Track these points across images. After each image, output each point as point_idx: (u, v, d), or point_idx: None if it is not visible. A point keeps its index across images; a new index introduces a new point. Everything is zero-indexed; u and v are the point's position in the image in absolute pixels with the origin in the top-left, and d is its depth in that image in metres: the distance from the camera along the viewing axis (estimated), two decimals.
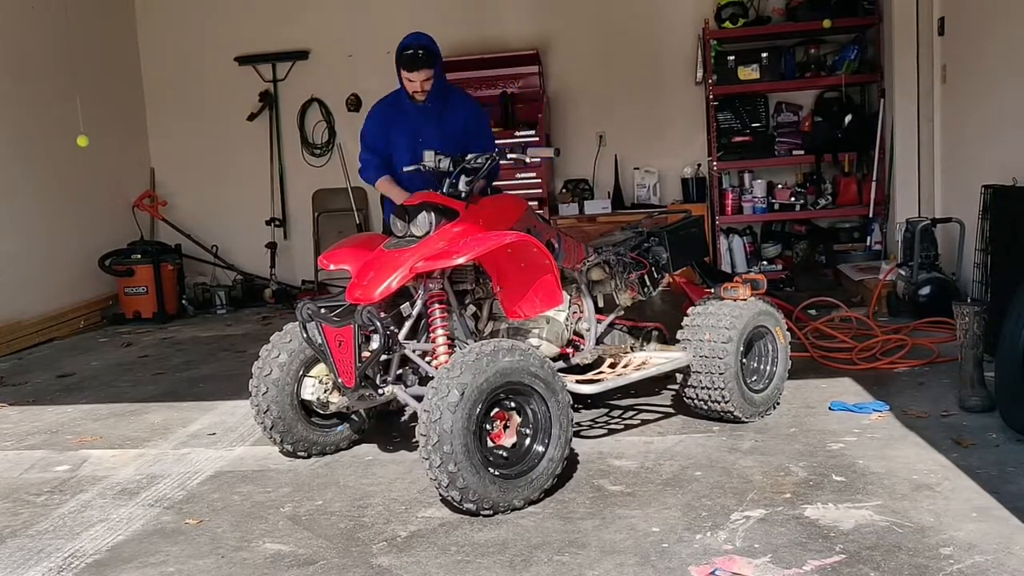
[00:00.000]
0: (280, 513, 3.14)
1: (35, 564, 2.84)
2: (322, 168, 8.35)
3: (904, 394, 4.12)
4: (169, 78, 8.50)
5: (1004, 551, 2.51)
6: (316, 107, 8.38)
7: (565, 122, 7.99)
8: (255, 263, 8.36)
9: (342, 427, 3.73)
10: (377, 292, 3.26)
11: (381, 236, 3.68)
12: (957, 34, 5.95)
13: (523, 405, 3.07)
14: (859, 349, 4.88)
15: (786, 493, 3.03)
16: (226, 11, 8.37)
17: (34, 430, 4.40)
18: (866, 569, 2.47)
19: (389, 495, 3.24)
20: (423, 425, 2.87)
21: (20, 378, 5.67)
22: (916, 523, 2.73)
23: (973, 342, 3.86)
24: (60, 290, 7.18)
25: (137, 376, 5.53)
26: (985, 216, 4.86)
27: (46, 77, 7.17)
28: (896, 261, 6.23)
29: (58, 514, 3.26)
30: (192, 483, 3.51)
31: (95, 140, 7.06)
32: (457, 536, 2.85)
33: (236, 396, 4.59)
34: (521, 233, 3.30)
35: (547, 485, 3.08)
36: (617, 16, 7.88)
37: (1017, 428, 3.44)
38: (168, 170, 8.59)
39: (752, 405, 3.79)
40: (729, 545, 2.66)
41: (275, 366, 3.52)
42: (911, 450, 3.38)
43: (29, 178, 6.95)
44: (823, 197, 7.46)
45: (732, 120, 7.53)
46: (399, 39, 4.29)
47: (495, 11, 8.03)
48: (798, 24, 7.24)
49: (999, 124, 5.22)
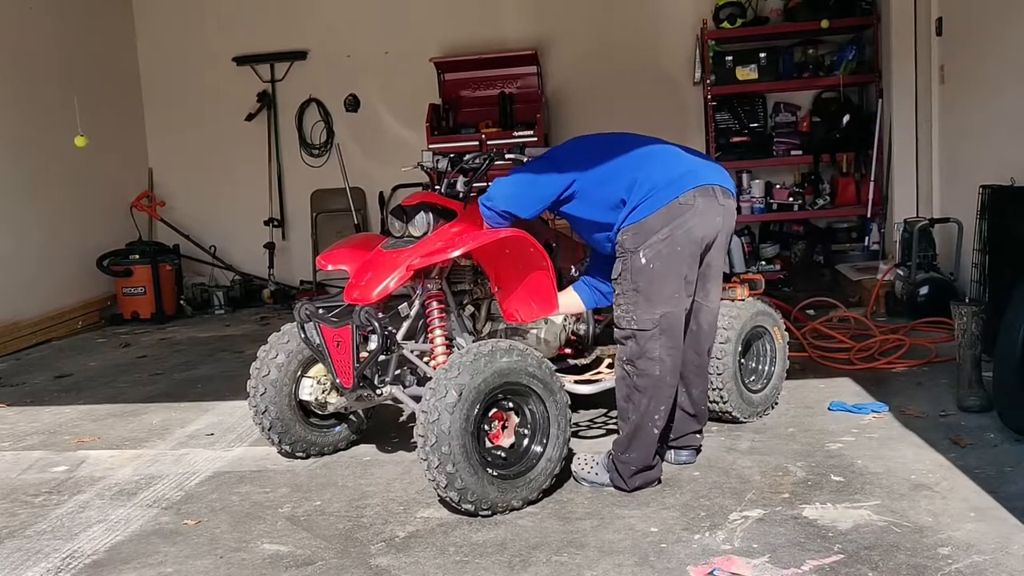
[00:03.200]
0: (278, 513, 3.14)
1: (33, 565, 2.83)
2: (320, 168, 8.35)
3: (902, 394, 4.13)
4: (167, 78, 8.49)
5: (1002, 551, 2.52)
6: (314, 107, 8.38)
7: (563, 122, 7.99)
8: (253, 263, 8.36)
9: (340, 427, 3.73)
10: (375, 292, 3.26)
11: (379, 236, 3.68)
12: (955, 34, 5.95)
13: (521, 405, 3.07)
14: (857, 349, 4.88)
15: (784, 493, 3.03)
16: (224, 11, 8.36)
17: (32, 431, 4.40)
18: (864, 569, 2.47)
19: (387, 495, 3.24)
20: (421, 426, 2.87)
21: (18, 379, 5.67)
22: (914, 523, 2.74)
23: (971, 342, 3.86)
24: (58, 290, 7.17)
25: (135, 377, 5.53)
26: (983, 216, 4.87)
27: (44, 77, 7.16)
28: (894, 261, 6.24)
29: (56, 515, 3.25)
30: (190, 483, 3.51)
31: (93, 140, 7.07)
32: (455, 536, 2.85)
33: (234, 396, 4.59)
34: (516, 229, 3.29)
35: (545, 485, 3.08)
36: (615, 16, 7.88)
37: (1015, 428, 3.44)
38: (166, 170, 8.59)
39: (750, 405, 3.79)
40: (727, 545, 2.66)
41: (273, 367, 3.52)
42: (909, 450, 3.39)
43: (27, 178, 6.95)
44: (821, 197, 7.46)
45: (730, 120, 7.53)
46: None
47: (493, 11, 8.03)
48: (796, 24, 7.24)
49: (997, 124, 5.22)
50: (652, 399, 3.05)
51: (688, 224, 3.01)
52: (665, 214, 3.00)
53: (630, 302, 3.03)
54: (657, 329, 3.01)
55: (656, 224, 2.99)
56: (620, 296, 3.08)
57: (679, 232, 3.00)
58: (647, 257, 3.00)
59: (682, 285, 3.05)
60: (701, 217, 3.03)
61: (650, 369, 3.03)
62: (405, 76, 8.02)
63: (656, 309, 3.01)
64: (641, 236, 3.01)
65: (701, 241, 3.07)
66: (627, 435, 3.09)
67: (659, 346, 3.02)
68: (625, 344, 3.08)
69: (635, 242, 3.02)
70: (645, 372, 3.04)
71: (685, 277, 3.05)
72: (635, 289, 3.02)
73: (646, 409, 3.05)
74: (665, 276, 3.01)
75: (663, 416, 3.09)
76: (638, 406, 3.06)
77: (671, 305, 3.03)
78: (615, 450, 3.14)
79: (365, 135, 8.25)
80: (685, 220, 3.00)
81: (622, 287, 3.06)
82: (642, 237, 3.01)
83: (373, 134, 8.23)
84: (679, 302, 3.06)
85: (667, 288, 3.02)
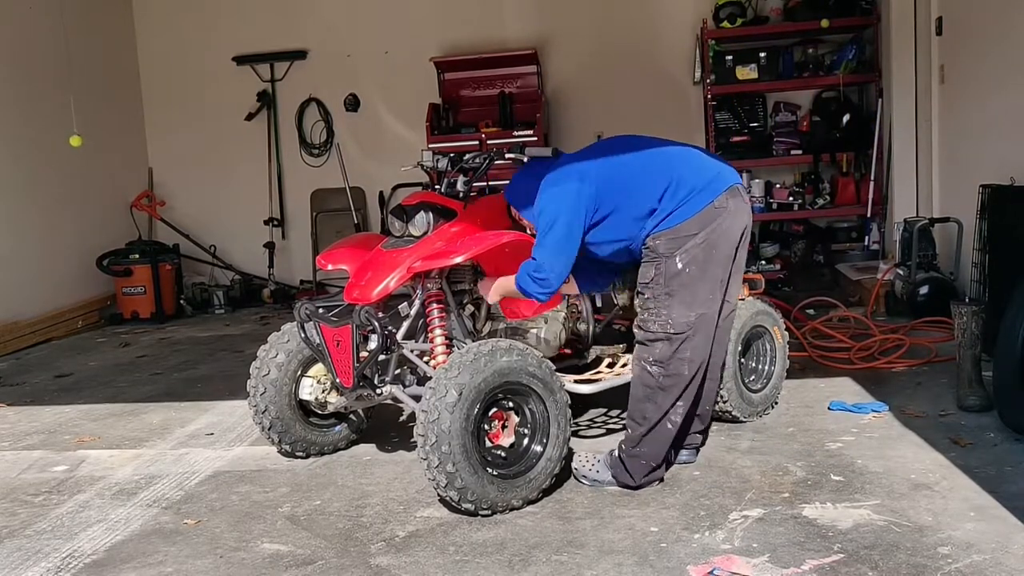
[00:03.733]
0: (278, 513, 3.14)
1: (33, 564, 2.83)
2: (320, 168, 8.35)
3: (902, 394, 4.13)
4: (167, 78, 8.50)
5: (1002, 550, 2.52)
6: (314, 107, 8.38)
7: (563, 122, 7.99)
8: (253, 263, 8.36)
9: (340, 427, 3.73)
10: (375, 292, 3.26)
11: (379, 236, 3.68)
12: (955, 34, 5.95)
13: (521, 405, 3.07)
14: (857, 349, 4.88)
15: (784, 493, 3.03)
16: (224, 11, 8.37)
17: (32, 430, 4.40)
18: (864, 568, 2.47)
19: (387, 495, 3.24)
20: (421, 425, 2.87)
21: (18, 378, 5.67)
22: (914, 522, 2.74)
23: (971, 342, 3.86)
24: (58, 290, 7.18)
25: (135, 376, 5.53)
26: (983, 216, 4.86)
27: (44, 77, 7.16)
28: (894, 261, 6.24)
29: (56, 514, 3.25)
30: (190, 483, 3.51)
31: (93, 140, 7.06)
32: (455, 536, 2.85)
33: (234, 396, 4.59)
34: (519, 232, 3.30)
35: (545, 485, 3.08)
36: (615, 16, 7.89)
37: (1015, 427, 3.44)
38: (166, 170, 8.59)
39: (750, 405, 3.79)
40: (727, 545, 2.66)
41: (273, 366, 3.52)
42: (909, 450, 3.39)
43: (27, 178, 6.95)
44: (821, 197, 7.46)
45: (730, 120, 7.54)
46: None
47: (493, 11, 8.03)
48: (796, 24, 7.24)
49: (997, 124, 5.22)
50: (677, 398, 3.07)
51: (723, 227, 3.03)
52: (701, 218, 3.01)
53: (662, 306, 3.03)
54: (692, 331, 3.03)
55: (692, 229, 3.01)
56: (650, 300, 3.06)
57: (714, 236, 3.02)
58: (683, 262, 3.01)
59: (717, 287, 3.08)
60: (733, 219, 3.06)
61: (680, 369, 3.04)
62: (405, 76, 8.02)
63: (692, 312, 3.02)
64: (677, 241, 3.02)
65: (734, 243, 3.09)
66: (641, 432, 3.09)
67: (691, 347, 3.04)
68: (650, 346, 3.06)
69: (670, 247, 3.02)
70: (675, 372, 3.05)
71: (720, 279, 3.08)
72: (668, 293, 3.02)
73: (670, 408, 3.07)
74: (701, 279, 3.03)
75: (681, 415, 3.11)
76: (661, 406, 3.06)
77: (706, 307, 3.05)
78: (626, 446, 3.14)
79: (365, 135, 8.26)
80: (720, 223, 3.03)
81: (653, 291, 3.05)
82: (678, 243, 3.02)
83: (373, 134, 8.23)
84: (713, 303, 3.08)
85: (703, 291, 3.04)
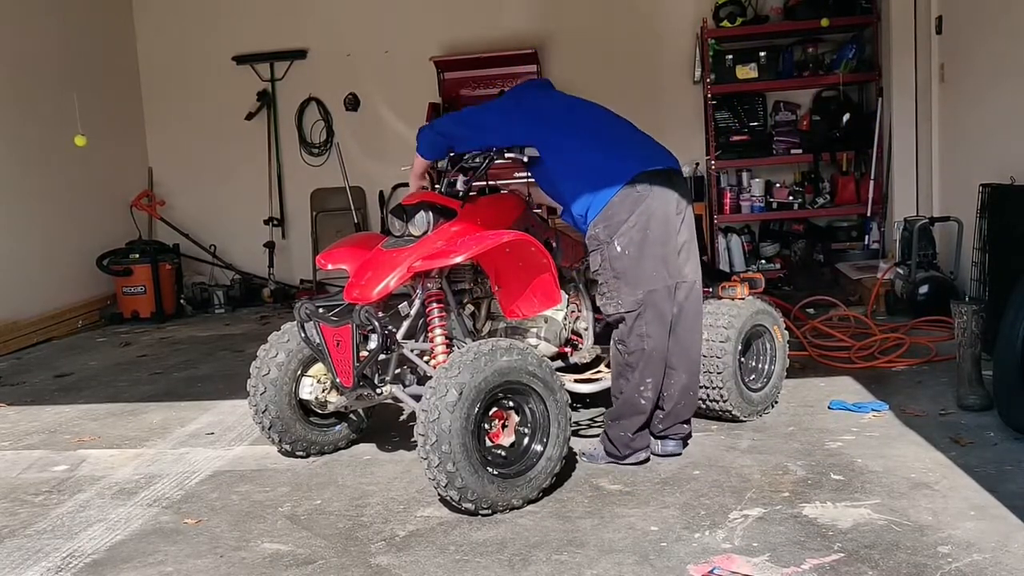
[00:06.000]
0: (279, 512, 3.14)
1: (33, 564, 2.83)
2: (320, 167, 8.35)
3: (902, 393, 4.13)
4: (167, 77, 8.50)
5: (1002, 549, 2.52)
6: (314, 106, 8.38)
7: None
8: (253, 262, 8.36)
9: (340, 426, 3.73)
10: (375, 292, 3.26)
11: (379, 236, 3.68)
12: (955, 33, 5.95)
13: (521, 404, 3.07)
14: (857, 348, 4.88)
15: (784, 492, 3.03)
16: (224, 10, 8.37)
17: (32, 430, 4.40)
18: (864, 567, 2.47)
19: (387, 494, 3.24)
20: (421, 424, 2.87)
21: (18, 378, 5.67)
22: (914, 521, 2.74)
23: (971, 341, 3.86)
24: (58, 290, 7.18)
25: (135, 376, 5.53)
26: (983, 215, 4.87)
27: (44, 77, 7.16)
28: (894, 260, 6.24)
29: (56, 514, 3.25)
30: (190, 483, 3.51)
31: (93, 140, 7.07)
32: (455, 535, 2.85)
33: (234, 396, 4.59)
34: (519, 232, 3.30)
35: (545, 484, 3.08)
36: (615, 15, 7.89)
37: (1015, 426, 3.44)
38: (166, 169, 8.59)
39: (750, 404, 3.79)
40: (728, 544, 2.66)
41: (273, 366, 3.52)
42: (909, 449, 3.39)
43: (27, 177, 6.95)
44: (821, 196, 7.46)
45: (730, 119, 7.54)
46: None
47: (493, 10, 8.03)
48: (796, 23, 7.25)
49: (997, 123, 5.22)
50: (642, 372, 3.27)
51: (651, 208, 3.24)
52: (628, 203, 3.23)
53: (612, 288, 3.27)
54: (642, 308, 3.24)
55: (622, 214, 3.23)
56: (603, 285, 3.31)
57: (643, 218, 3.24)
58: (622, 245, 3.24)
59: (660, 264, 3.28)
60: (660, 201, 3.27)
61: (640, 345, 3.26)
62: (405, 75, 8.02)
63: (638, 290, 3.24)
64: (612, 227, 3.24)
65: (670, 220, 3.30)
66: (618, 407, 3.33)
67: (644, 323, 3.26)
68: (615, 328, 3.32)
69: (608, 233, 3.25)
70: (636, 348, 3.27)
71: (660, 256, 3.27)
72: (615, 276, 3.26)
73: (637, 382, 3.28)
74: (641, 259, 3.24)
75: (651, 389, 3.30)
76: (630, 380, 3.29)
77: (652, 283, 3.26)
78: (607, 419, 3.41)
79: (365, 134, 8.26)
80: (648, 205, 3.24)
81: (603, 276, 3.29)
82: (613, 228, 3.24)
83: (373, 133, 8.23)
84: (659, 279, 3.27)
85: (645, 269, 3.25)
